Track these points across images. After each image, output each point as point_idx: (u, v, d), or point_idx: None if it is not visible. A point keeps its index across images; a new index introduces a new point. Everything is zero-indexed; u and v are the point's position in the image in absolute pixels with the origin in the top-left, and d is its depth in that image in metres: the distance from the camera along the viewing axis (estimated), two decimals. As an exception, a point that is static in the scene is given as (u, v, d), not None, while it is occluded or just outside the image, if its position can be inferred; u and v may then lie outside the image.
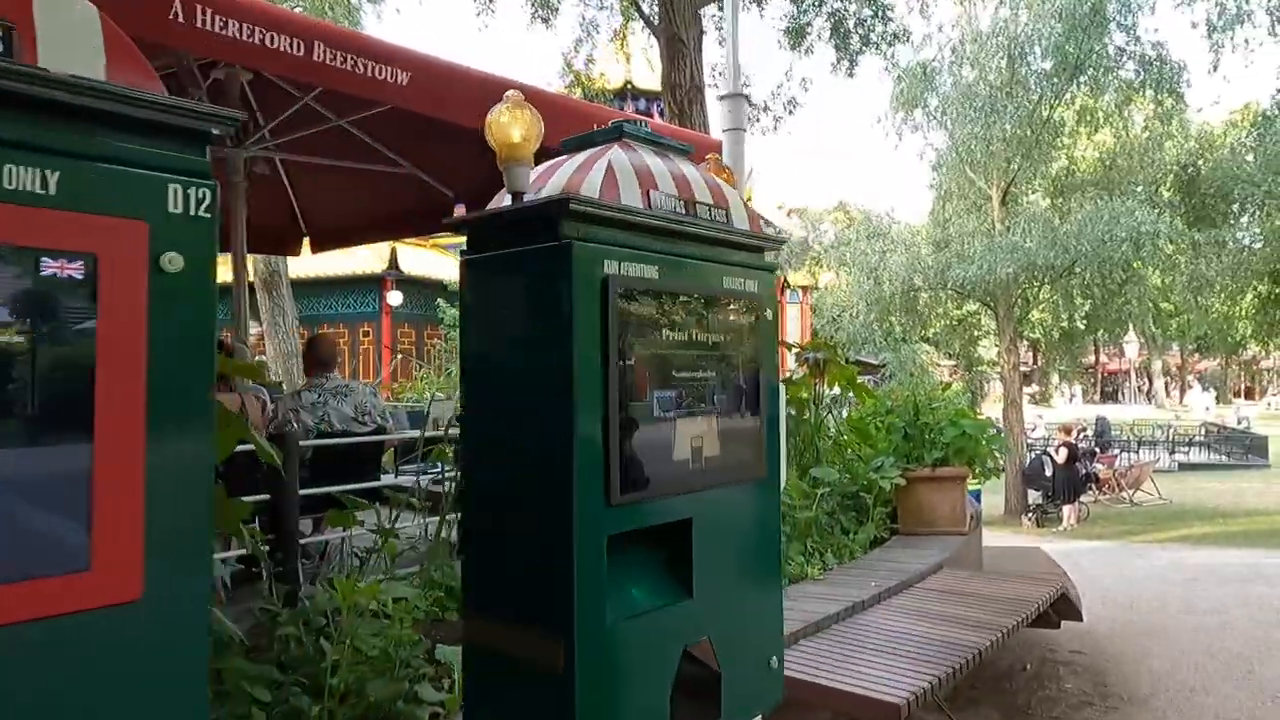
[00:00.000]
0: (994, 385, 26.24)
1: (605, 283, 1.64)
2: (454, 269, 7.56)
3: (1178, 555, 10.48)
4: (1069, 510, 14.24)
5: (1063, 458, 14.56)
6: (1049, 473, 14.78)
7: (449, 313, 16.57)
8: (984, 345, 26.24)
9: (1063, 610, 4.89)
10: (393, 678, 2.69)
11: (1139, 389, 44.43)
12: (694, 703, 1.83)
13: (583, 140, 1.90)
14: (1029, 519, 14.75)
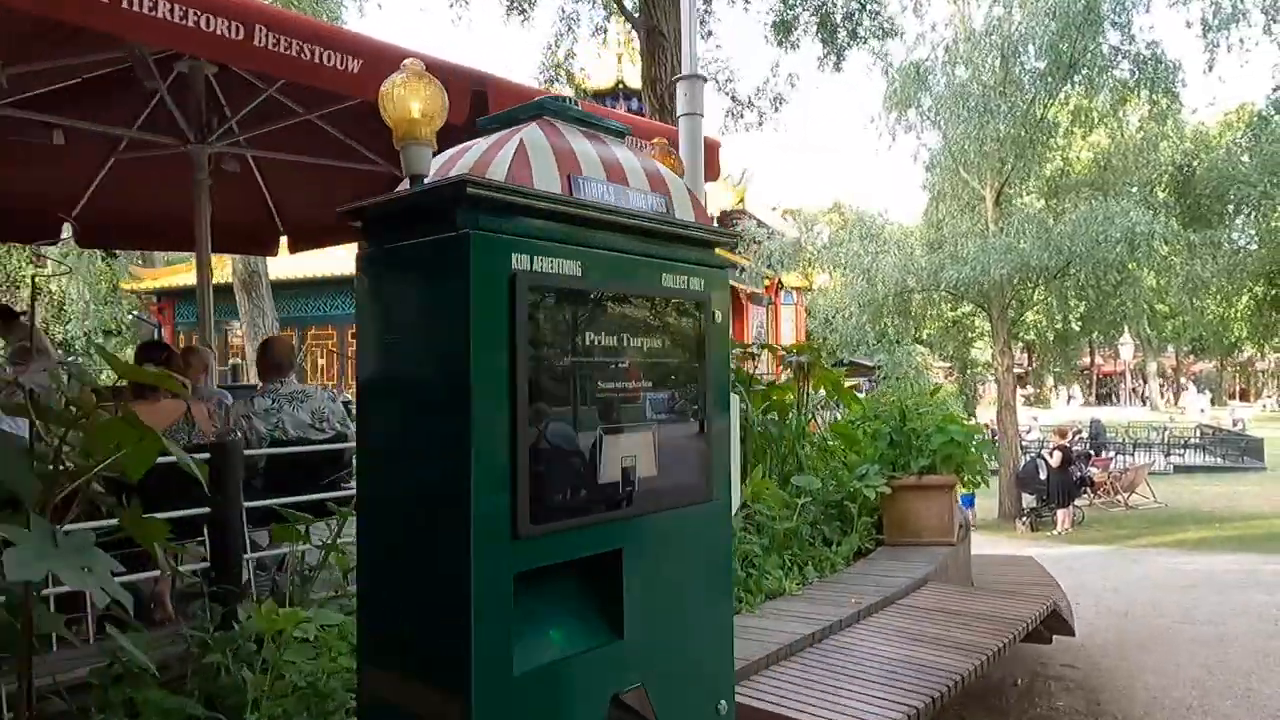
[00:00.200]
0: (990, 388, 26.07)
1: (513, 280, 1.41)
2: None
3: (1173, 561, 10.33)
4: (1062, 514, 14.06)
5: (1056, 461, 14.38)
6: (1043, 476, 14.59)
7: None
8: (979, 347, 26.07)
9: (1054, 625, 4.69)
10: (318, 712, 2.46)
11: (1133, 391, 44.26)
12: (627, 757, 1.61)
13: (502, 119, 1.68)
14: (1023, 523, 14.56)
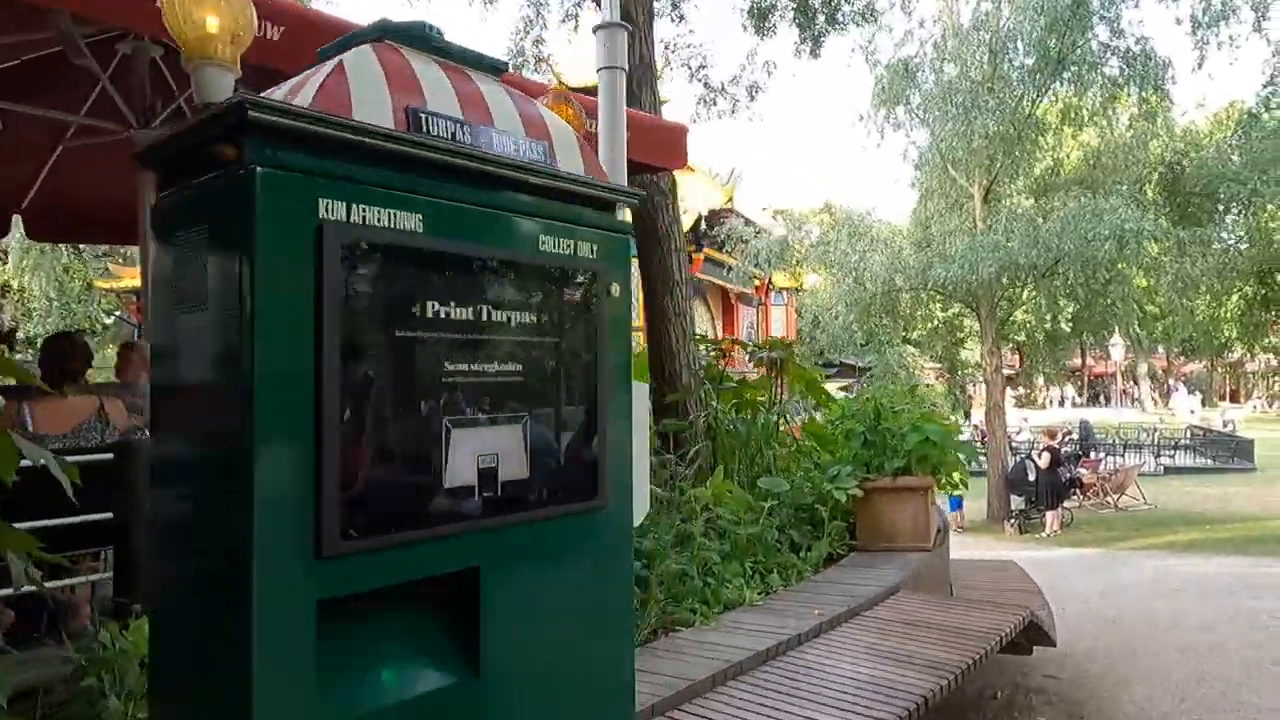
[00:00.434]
0: (980, 388, 25.83)
1: (319, 231, 1.12)
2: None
3: (1163, 563, 10.11)
4: (1051, 516, 13.82)
5: (1045, 462, 14.14)
6: (1032, 477, 14.35)
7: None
8: (969, 348, 25.84)
9: (1033, 637, 4.42)
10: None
11: (1124, 393, 44.11)
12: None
13: (340, 44, 1.38)
14: (1011, 525, 14.31)
